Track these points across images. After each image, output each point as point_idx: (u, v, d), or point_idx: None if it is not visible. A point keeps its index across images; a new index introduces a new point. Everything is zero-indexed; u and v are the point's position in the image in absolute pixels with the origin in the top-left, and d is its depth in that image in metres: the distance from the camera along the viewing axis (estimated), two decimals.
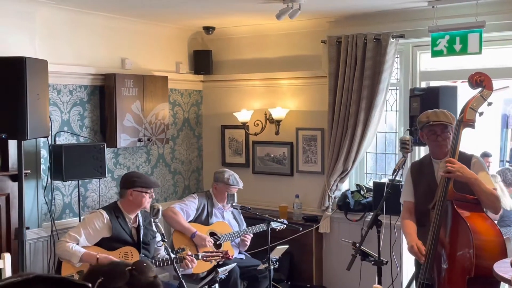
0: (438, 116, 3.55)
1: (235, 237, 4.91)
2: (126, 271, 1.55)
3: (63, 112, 4.91)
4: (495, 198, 3.37)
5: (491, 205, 3.38)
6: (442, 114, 3.57)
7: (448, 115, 3.55)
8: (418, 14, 4.83)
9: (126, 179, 4.31)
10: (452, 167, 3.31)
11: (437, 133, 3.54)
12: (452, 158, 3.38)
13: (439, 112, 3.60)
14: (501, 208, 3.45)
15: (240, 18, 5.47)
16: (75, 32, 4.99)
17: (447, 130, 3.53)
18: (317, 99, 5.53)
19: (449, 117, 3.54)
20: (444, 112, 3.58)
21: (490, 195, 3.35)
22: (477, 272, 3.18)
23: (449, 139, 3.54)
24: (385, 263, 3.67)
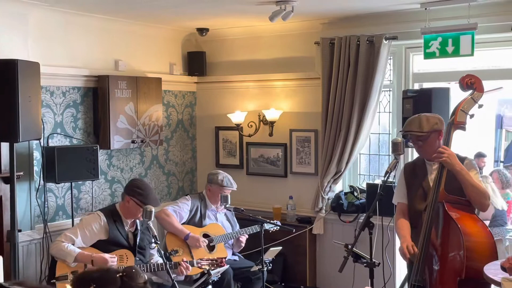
0: (409, 126, 3.58)
1: (229, 238, 4.91)
2: (117, 277, 1.55)
3: (56, 114, 4.90)
4: (482, 192, 3.38)
5: (477, 199, 3.39)
6: (414, 122, 3.57)
7: (421, 123, 3.53)
8: (411, 16, 4.85)
9: (130, 185, 4.28)
10: (443, 152, 3.34)
11: (412, 141, 3.59)
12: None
13: (414, 119, 3.60)
14: (488, 206, 3.45)
15: (234, 19, 5.47)
16: (68, 34, 4.98)
17: (418, 140, 3.56)
18: (311, 101, 5.54)
19: (422, 126, 3.52)
20: (420, 119, 3.56)
21: (476, 188, 3.37)
22: (467, 273, 3.20)
23: (424, 147, 3.57)
24: (377, 265, 3.68)
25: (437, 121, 3.57)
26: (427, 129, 3.52)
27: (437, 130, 3.55)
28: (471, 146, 8.17)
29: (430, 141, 3.54)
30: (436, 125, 3.55)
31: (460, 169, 3.37)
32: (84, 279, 1.60)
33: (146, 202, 4.09)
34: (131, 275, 1.60)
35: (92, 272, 1.66)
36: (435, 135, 3.56)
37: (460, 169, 3.37)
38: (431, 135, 3.53)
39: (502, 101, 9.27)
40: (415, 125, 3.56)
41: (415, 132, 3.54)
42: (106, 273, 1.59)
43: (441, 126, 3.57)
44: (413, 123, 3.58)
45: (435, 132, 3.55)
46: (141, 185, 4.26)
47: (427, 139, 3.54)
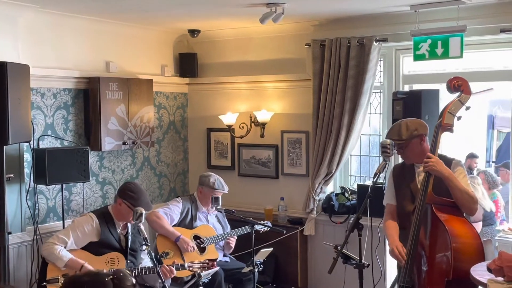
0: (390, 133, 3.62)
1: (219, 240, 4.92)
2: (109, 280, 1.56)
3: (47, 115, 4.90)
4: (470, 197, 3.40)
5: (465, 204, 3.40)
6: (394, 130, 3.59)
7: (400, 131, 3.55)
8: (400, 18, 4.87)
9: (123, 188, 4.27)
10: (428, 161, 3.36)
11: (396, 148, 3.61)
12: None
13: (395, 127, 3.62)
14: (476, 210, 3.47)
15: (225, 21, 5.48)
16: (59, 36, 4.98)
17: (399, 147, 3.58)
18: (302, 102, 5.55)
19: (401, 133, 3.53)
20: (400, 127, 3.58)
21: (464, 192, 3.39)
22: (455, 274, 3.22)
23: (406, 154, 3.60)
24: (366, 266, 3.69)
25: (417, 126, 3.58)
26: (405, 136, 3.54)
27: (417, 136, 3.56)
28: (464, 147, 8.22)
29: (411, 147, 3.57)
30: (416, 131, 3.56)
31: (448, 174, 3.39)
32: (75, 282, 1.60)
33: (138, 205, 4.08)
34: (121, 278, 1.61)
35: (82, 276, 1.66)
36: (417, 140, 3.57)
37: (448, 175, 3.39)
38: (411, 141, 3.56)
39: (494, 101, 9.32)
40: (394, 133, 3.59)
41: (395, 140, 3.57)
42: (97, 277, 1.60)
43: (422, 131, 3.59)
44: (393, 130, 3.62)
45: (416, 138, 3.56)
46: (134, 188, 4.26)
47: (407, 146, 3.57)
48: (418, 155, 3.55)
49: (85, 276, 1.64)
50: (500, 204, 6.21)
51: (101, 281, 1.56)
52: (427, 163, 3.39)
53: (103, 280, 1.57)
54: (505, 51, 4.69)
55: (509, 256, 2.79)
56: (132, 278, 1.73)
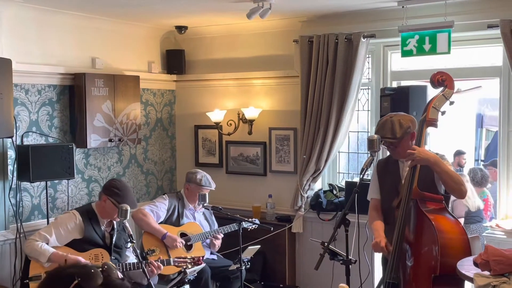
0: (382, 131, 3.57)
1: (206, 237, 4.88)
2: (98, 271, 1.46)
3: (31, 112, 4.84)
4: (458, 179, 3.39)
5: (455, 186, 3.39)
6: (387, 127, 3.55)
7: (394, 129, 3.51)
8: (388, 14, 4.86)
9: (108, 185, 4.21)
10: (412, 153, 3.35)
11: (386, 145, 3.59)
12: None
13: (386, 123, 3.57)
14: (466, 192, 3.45)
15: (213, 17, 5.44)
16: (43, 31, 4.91)
17: (391, 145, 3.55)
18: (290, 99, 5.52)
19: (395, 131, 3.50)
20: (393, 124, 3.54)
21: (452, 175, 3.38)
22: (442, 270, 3.21)
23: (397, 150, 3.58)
24: (353, 262, 3.67)
25: (410, 124, 3.56)
26: (400, 134, 3.52)
27: (410, 133, 3.55)
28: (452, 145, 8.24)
29: (403, 144, 3.56)
30: (409, 128, 3.55)
31: (434, 160, 3.37)
32: (61, 275, 1.49)
33: (123, 203, 4.03)
34: (109, 269, 1.54)
35: (68, 267, 1.56)
36: (408, 137, 3.56)
37: (434, 160, 3.37)
38: (403, 138, 3.54)
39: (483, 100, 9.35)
40: (387, 130, 3.54)
41: (389, 139, 3.54)
42: (85, 268, 1.50)
43: (414, 128, 3.58)
44: (385, 128, 3.56)
45: (408, 135, 3.55)
46: (119, 185, 4.19)
47: (400, 143, 3.55)
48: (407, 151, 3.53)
49: (72, 267, 1.53)
50: (490, 203, 6.21)
51: (90, 272, 1.46)
52: (412, 154, 3.36)
53: (92, 270, 1.47)
54: (493, 47, 4.68)
55: (495, 250, 2.77)
56: (118, 272, 1.67)
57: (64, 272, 1.43)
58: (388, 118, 3.63)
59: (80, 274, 1.38)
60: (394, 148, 3.58)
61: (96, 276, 1.37)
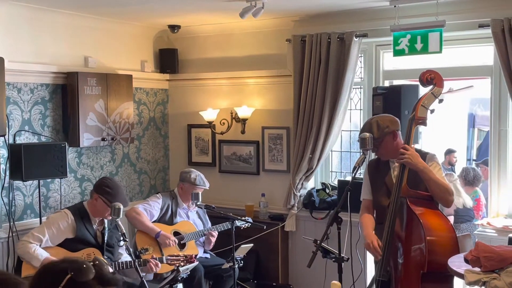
0: (360, 131, 3.59)
1: (199, 236, 4.89)
2: (90, 265, 1.45)
3: (23, 111, 4.83)
4: (446, 189, 3.41)
5: (441, 195, 3.42)
6: (364, 129, 3.56)
7: (372, 130, 3.51)
8: (380, 13, 4.88)
9: (99, 183, 4.21)
10: (404, 153, 3.36)
11: None
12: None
13: (366, 126, 3.59)
14: (452, 202, 3.48)
15: (206, 16, 5.45)
16: (36, 30, 4.91)
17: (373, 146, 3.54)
18: (283, 98, 5.54)
19: (372, 132, 3.50)
20: (371, 126, 3.55)
21: (440, 185, 3.40)
22: (430, 267, 3.23)
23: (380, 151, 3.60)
24: (345, 260, 3.68)
25: (388, 124, 3.57)
26: (377, 135, 3.53)
27: (389, 133, 3.56)
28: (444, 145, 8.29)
29: (384, 144, 3.57)
30: (387, 128, 3.55)
31: (423, 167, 3.40)
32: (53, 270, 1.47)
33: (115, 201, 4.02)
34: (101, 264, 1.54)
35: (60, 262, 1.54)
36: (389, 137, 3.57)
37: (423, 168, 3.39)
38: (384, 139, 3.55)
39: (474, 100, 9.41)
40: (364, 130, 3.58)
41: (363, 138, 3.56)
42: (77, 262, 1.48)
43: (394, 127, 3.59)
44: (365, 129, 3.59)
45: (388, 135, 3.56)
46: (110, 184, 4.19)
47: (380, 144, 3.56)
48: (392, 151, 3.56)
49: (63, 262, 1.51)
50: (482, 203, 6.23)
51: (82, 266, 1.44)
52: (403, 154, 3.39)
53: (84, 265, 1.45)
54: (484, 46, 4.71)
55: (485, 246, 2.80)
56: (109, 267, 1.67)
57: (56, 267, 1.44)
58: (369, 120, 3.69)
59: (72, 268, 1.38)
60: (376, 149, 3.60)
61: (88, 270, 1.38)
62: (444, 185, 3.42)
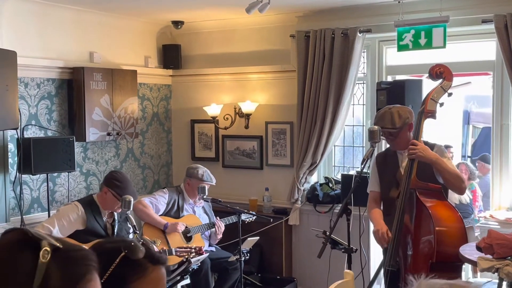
0: (381, 121, 3.61)
1: (206, 229, 4.93)
2: (141, 244, 1.43)
3: (30, 105, 4.85)
4: (458, 177, 3.49)
5: (455, 184, 3.49)
6: (386, 118, 3.59)
7: (393, 119, 3.56)
8: (384, 9, 4.94)
9: (109, 177, 4.24)
10: (414, 148, 3.42)
11: (384, 135, 3.66)
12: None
13: (386, 114, 3.61)
14: (465, 188, 3.56)
15: (209, 12, 5.49)
16: (42, 25, 4.93)
17: (390, 135, 3.60)
18: (286, 93, 5.59)
19: (394, 121, 3.55)
20: (392, 114, 3.58)
21: (453, 173, 3.47)
22: (438, 257, 3.29)
23: (395, 141, 3.63)
24: (354, 251, 3.74)
25: (409, 115, 3.63)
26: (399, 124, 3.57)
27: (408, 124, 3.62)
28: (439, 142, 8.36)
29: (402, 135, 3.61)
30: (408, 119, 3.61)
31: (436, 159, 3.45)
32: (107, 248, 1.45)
33: (123, 195, 4.06)
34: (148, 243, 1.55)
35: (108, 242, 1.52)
36: (407, 128, 3.62)
37: (435, 159, 3.45)
38: (403, 129, 3.60)
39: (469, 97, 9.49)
40: (387, 121, 3.60)
41: (388, 129, 3.60)
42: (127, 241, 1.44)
43: (412, 119, 3.64)
44: (385, 118, 3.61)
45: (406, 126, 3.61)
46: (120, 177, 4.23)
47: (399, 134, 3.60)
48: (405, 142, 3.60)
49: (114, 242, 1.47)
50: (478, 195, 6.34)
51: (131, 244, 1.41)
52: (413, 150, 3.44)
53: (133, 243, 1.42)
54: (487, 41, 4.79)
55: (498, 234, 2.87)
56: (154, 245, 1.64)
57: (108, 245, 1.46)
58: (387, 109, 3.70)
59: (125, 246, 1.41)
60: (393, 138, 3.65)
61: (139, 249, 1.41)
62: (457, 173, 3.49)
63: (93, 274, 1.12)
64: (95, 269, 1.13)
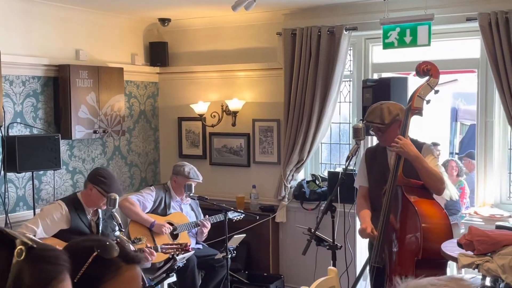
0: (371, 116, 3.66)
1: (192, 227, 4.94)
2: (114, 242, 1.44)
3: (15, 103, 4.82)
4: (437, 178, 3.50)
5: (432, 184, 3.50)
6: (376, 113, 3.63)
7: (383, 115, 3.60)
8: (370, 7, 4.96)
9: (94, 174, 4.22)
10: (397, 142, 3.44)
11: (374, 131, 3.68)
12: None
13: (376, 110, 3.66)
14: (444, 190, 3.58)
15: (196, 9, 5.48)
16: (27, 23, 4.90)
17: (379, 130, 3.64)
18: (273, 91, 5.60)
19: (384, 117, 3.59)
20: (382, 110, 3.62)
21: (431, 173, 3.48)
22: (424, 254, 3.32)
23: (384, 137, 3.67)
24: (339, 248, 3.77)
25: (399, 112, 3.65)
26: (388, 120, 3.60)
27: (398, 120, 3.64)
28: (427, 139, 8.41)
29: (391, 131, 3.64)
30: (398, 116, 3.63)
31: (415, 156, 3.47)
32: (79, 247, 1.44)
33: (109, 191, 4.05)
34: (122, 242, 1.55)
35: (83, 241, 1.49)
36: (396, 125, 3.64)
37: (415, 156, 3.46)
38: (391, 125, 3.62)
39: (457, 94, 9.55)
40: (376, 116, 3.63)
41: (377, 124, 3.62)
42: (101, 240, 1.45)
43: (402, 116, 3.67)
44: (375, 113, 3.64)
45: (396, 122, 3.64)
46: (105, 174, 4.22)
47: (387, 129, 3.63)
48: (394, 138, 3.62)
49: (88, 240, 1.47)
50: (466, 192, 6.39)
51: (106, 244, 1.41)
52: (397, 143, 3.47)
53: (107, 242, 1.42)
54: (471, 39, 4.82)
55: (478, 230, 2.89)
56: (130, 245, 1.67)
57: (81, 245, 1.46)
58: (379, 105, 3.72)
59: (98, 246, 1.41)
60: (381, 134, 3.67)
61: (113, 248, 1.41)
62: (436, 174, 3.50)
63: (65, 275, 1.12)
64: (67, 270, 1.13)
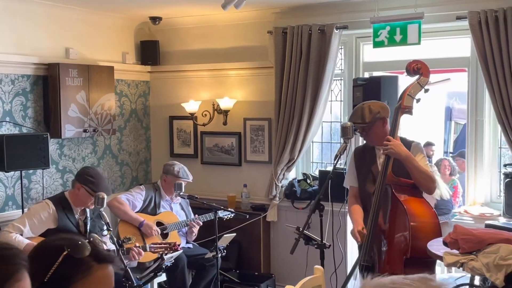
0: (353, 116, 3.67)
1: (182, 226, 4.92)
2: (87, 241, 1.43)
3: (4, 102, 4.80)
4: (428, 177, 3.49)
5: (424, 183, 3.50)
6: (357, 113, 3.64)
7: (363, 114, 3.59)
8: (360, 5, 4.95)
9: (81, 173, 4.20)
10: (387, 144, 3.43)
11: (359, 131, 3.68)
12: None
13: (357, 110, 3.67)
14: (435, 189, 3.57)
15: (187, 8, 5.47)
16: (16, 21, 4.88)
17: (363, 130, 3.64)
18: (264, 90, 5.59)
19: (364, 116, 3.58)
20: (363, 110, 3.62)
21: (422, 172, 3.48)
22: (413, 252, 3.31)
23: (369, 136, 3.66)
24: (327, 247, 3.76)
25: (379, 109, 3.64)
26: (369, 119, 3.59)
27: (380, 118, 3.63)
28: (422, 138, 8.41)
29: (374, 129, 3.63)
30: (379, 113, 3.62)
31: (406, 156, 3.46)
32: (50, 245, 1.44)
33: (97, 190, 4.03)
34: (95, 242, 1.54)
35: (54, 240, 1.49)
36: (379, 123, 3.63)
37: (405, 156, 3.46)
38: (374, 124, 3.61)
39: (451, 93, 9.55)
40: (357, 116, 3.64)
41: (359, 124, 3.62)
42: (72, 239, 1.43)
43: (384, 114, 3.65)
44: (357, 114, 3.65)
45: (379, 121, 3.63)
46: (93, 173, 4.20)
47: (370, 128, 3.62)
48: (380, 137, 3.61)
49: (59, 240, 1.46)
50: (459, 191, 6.39)
51: (78, 243, 1.41)
52: (387, 145, 3.46)
53: (80, 242, 1.42)
54: (461, 38, 4.82)
55: (463, 229, 2.89)
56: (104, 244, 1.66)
57: (52, 244, 1.45)
58: (361, 105, 3.74)
59: (68, 245, 1.39)
60: (366, 134, 3.67)
61: (84, 247, 1.39)
62: (427, 172, 3.50)
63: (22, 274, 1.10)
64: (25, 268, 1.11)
